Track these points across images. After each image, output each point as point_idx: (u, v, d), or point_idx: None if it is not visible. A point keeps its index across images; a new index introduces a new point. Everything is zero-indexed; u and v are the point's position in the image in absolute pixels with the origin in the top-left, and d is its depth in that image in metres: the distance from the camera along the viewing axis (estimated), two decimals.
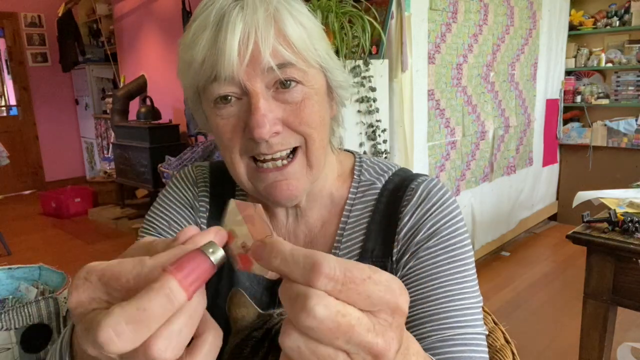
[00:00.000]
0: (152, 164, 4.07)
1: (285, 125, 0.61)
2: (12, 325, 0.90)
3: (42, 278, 1.15)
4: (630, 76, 3.59)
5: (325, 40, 0.65)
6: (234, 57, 0.57)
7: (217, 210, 0.75)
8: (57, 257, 3.74)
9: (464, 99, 2.93)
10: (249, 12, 0.57)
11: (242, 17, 0.57)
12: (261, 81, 0.59)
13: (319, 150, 0.63)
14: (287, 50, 0.58)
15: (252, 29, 0.57)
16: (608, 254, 1.38)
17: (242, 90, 0.60)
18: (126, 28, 5.45)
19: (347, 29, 2.08)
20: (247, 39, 0.57)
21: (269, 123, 0.58)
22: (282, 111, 0.61)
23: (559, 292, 2.86)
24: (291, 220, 0.72)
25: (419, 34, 2.52)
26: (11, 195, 5.98)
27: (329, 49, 0.65)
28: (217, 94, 0.60)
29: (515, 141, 3.47)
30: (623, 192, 1.66)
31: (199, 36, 0.59)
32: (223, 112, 0.62)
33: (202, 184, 0.77)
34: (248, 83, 0.59)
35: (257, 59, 0.57)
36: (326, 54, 0.64)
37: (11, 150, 4.77)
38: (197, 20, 0.60)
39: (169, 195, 0.77)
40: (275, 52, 0.58)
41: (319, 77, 0.64)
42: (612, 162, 3.70)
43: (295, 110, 0.61)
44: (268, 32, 0.57)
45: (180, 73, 0.64)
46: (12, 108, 6.38)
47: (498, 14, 3.09)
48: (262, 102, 0.59)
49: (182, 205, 0.76)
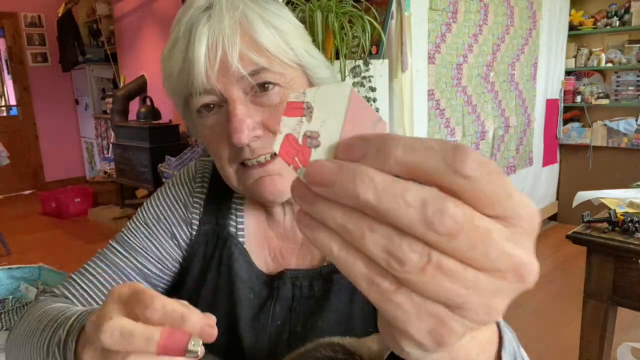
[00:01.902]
0: (152, 164, 4.07)
1: (266, 129, 0.62)
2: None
3: (42, 278, 1.15)
4: (630, 76, 3.59)
5: (305, 39, 0.65)
6: (203, 66, 0.58)
7: (210, 208, 0.75)
8: (57, 257, 3.73)
9: (464, 99, 2.93)
10: (215, 20, 0.59)
11: (208, 26, 0.59)
12: (237, 87, 0.60)
13: None
14: (256, 54, 0.59)
15: (219, 38, 0.58)
16: (608, 254, 1.38)
17: (221, 98, 0.61)
18: (126, 28, 5.45)
19: (347, 29, 2.08)
20: (215, 47, 0.58)
21: (248, 128, 0.59)
22: (261, 114, 0.61)
23: (559, 292, 2.86)
24: (288, 218, 0.73)
25: (419, 34, 2.52)
26: (11, 195, 5.98)
27: (309, 46, 0.66)
28: (198, 104, 0.62)
29: (515, 141, 3.47)
30: (623, 192, 1.66)
31: (173, 48, 0.61)
32: (207, 120, 0.63)
33: (200, 180, 0.77)
34: (224, 90, 0.60)
35: (227, 66, 0.59)
36: (305, 52, 0.64)
37: (11, 150, 4.77)
38: (173, 32, 0.63)
39: (166, 190, 0.78)
40: (244, 58, 0.59)
41: (299, 77, 0.64)
42: (612, 162, 3.70)
43: (274, 112, 0.61)
44: (234, 39, 0.58)
45: (165, 85, 0.66)
46: (12, 108, 6.39)
47: (498, 14, 3.09)
48: (240, 108, 0.60)
49: (175, 202, 0.76)
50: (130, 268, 0.72)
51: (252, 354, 0.67)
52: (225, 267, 0.71)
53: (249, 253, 0.72)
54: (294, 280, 0.69)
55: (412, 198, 0.21)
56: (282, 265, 0.72)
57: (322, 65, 0.67)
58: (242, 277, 0.70)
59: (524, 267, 0.22)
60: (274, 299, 0.68)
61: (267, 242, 0.74)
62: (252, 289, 0.70)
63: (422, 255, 0.22)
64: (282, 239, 0.74)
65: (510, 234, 0.22)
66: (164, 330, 0.38)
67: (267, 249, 0.73)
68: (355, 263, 0.23)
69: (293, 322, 0.67)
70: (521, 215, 0.22)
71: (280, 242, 0.74)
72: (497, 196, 0.22)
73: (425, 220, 0.21)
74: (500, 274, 0.22)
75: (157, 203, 0.76)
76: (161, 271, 0.74)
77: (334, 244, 0.24)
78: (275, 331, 0.67)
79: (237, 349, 0.67)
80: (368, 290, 0.24)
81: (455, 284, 0.22)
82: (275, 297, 0.68)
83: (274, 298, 0.68)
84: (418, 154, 0.22)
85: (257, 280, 0.71)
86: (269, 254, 0.73)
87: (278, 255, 0.73)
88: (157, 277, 0.74)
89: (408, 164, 0.22)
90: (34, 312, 0.64)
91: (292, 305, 0.68)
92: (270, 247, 0.73)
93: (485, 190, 0.22)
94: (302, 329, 0.66)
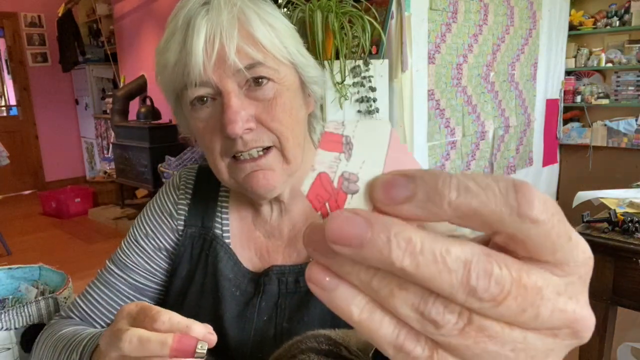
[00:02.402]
0: (152, 164, 4.07)
1: (259, 122, 0.63)
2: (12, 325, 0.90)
3: (42, 278, 1.15)
4: (630, 76, 3.59)
5: (296, 39, 0.67)
6: (201, 58, 0.59)
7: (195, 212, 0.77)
8: (57, 257, 3.73)
9: (464, 99, 2.93)
10: (213, 14, 0.60)
11: (207, 19, 0.60)
12: (232, 80, 0.61)
13: (293, 146, 0.65)
14: (252, 49, 0.60)
15: (218, 30, 0.59)
16: (608, 254, 1.38)
17: (216, 91, 0.62)
18: (126, 28, 5.45)
19: (347, 29, 2.08)
20: (212, 40, 0.60)
21: (242, 120, 0.60)
22: (254, 108, 0.62)
23: None
24: (275, 215, 0.74)
25: (419, 34, 2.52)
26: (11, 195, 5.98)
27: (300, 46, 0.67)
28: (192, 96, 0.63)
29: (515, 141, 3.47)
30: (623, 192, 1.66)
31: (170, 40, 0.63)
32: (200, 113, 0.64)
33: (183, 187, 0.79)
34: (219, 83, 0.61)
35: (224, 58, 0.60)
36: (297, 51, 0.66)
37: (11, 150, 4.77)
38: (169, 26, 0.64)
39: (153, 203, 0.80)
40: (240, 51, 0.60)
41: (291, 74, 0.66)
42: (612, 162, 3.70)
43: (267, 107, 0.63)
44: (232, 32, 0.59)
45: (158, 78, 0.67)
46: (12, 108, 6.38)
47: (498, 14, 3.08)
48: (234, 100, 0.61)
49: (162, 213, 0.78)
50: (126, 286, 0.76)
51: (239, 350, 0.68)
52: (211, 267, 0.73)
53: (235, 252, 0.73)
54: (280, 276, 0.70)
55: (454, 262, 0.18)
56: (268, 263, 0.73)
57: (312, 65, 0.69)
58: (228, 276, 0.71)
59: (579, 323, 0.19)
60: (260, 294, 0.70)
61: (253, 241, 0.75)
62: (237, 286, 0.71)
63: (461, 316, 0.18)
64: (268, 236, 0.75)
65: (564, 286, 0.19)
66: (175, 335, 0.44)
67: (253, 248, 0.75)
68: (382, 326, 0.19)
69: (279, 317, 0.68)
70: (577, 261, 0.20)
71: (266, 240, 0.75)
72: (560, 241, 0.19)
73: (467, 286, 0.18)
74: (553, 332, 0.19)
75: (145, 219, 0.79)
76: (155, 284, 0.77)
77: (355, 305, 0.20)
78: (262, 327, 0.68)
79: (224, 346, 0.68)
80: (396, 358, 0.20)
81: (501, 348, 0.19)
82: (261, 293, 0.70)
83: (260, 294, 0.70)
84: (475, 197, 0.18)
85: (243, 278, 0.72)
86: (255, 253, 0.75)
87: (264, 253, 0.74)
88: (152, 290, 0.77)
89: (463, 210, 0.18)
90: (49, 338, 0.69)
91: (277, 300, 0.69)
92: (256, 246, 0.75)
93: (550, 235, 0.18)
94: (288, 324, 0.67)
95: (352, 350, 0.51)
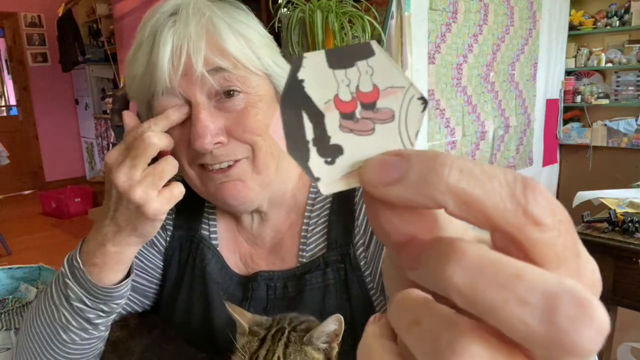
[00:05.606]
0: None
1: (230, 135, 0.61)
2: (12, 325, 0.90)
3: (42, 278, 1.15)
4: (630, 76, 3.59)
5: (272, 49, 0.66)
6: (167, 69, 0.58)
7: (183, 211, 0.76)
8: (57, 257, 3.72)
9: (464, 99, 2.93)
10: (181, 25, 0.59)
11: (173, 31, 0.59)
12: (201, 92, 0.60)
13: (266, 157, 0.64)
14: (221, 59, 0.59)
15: (185, 42, 0.58)
16: (608, 254, 1.38)
17: (185, 102, 0.61)
18: (126, 28, 5.45)
19: (347, 29, 2.08)
20: (179, 52, 0.58)
21: (210, 134, 0.59)
22: (225, 120, 0.61)
23: None
24: (256, 224, 0.73)
25: (419, 34, 2.52)
26: (11, 195, 5.97)
27: (276, 56, 0.66)
28: (161, 107, 0.61)
29: (515, 141, 3.47)
30: (623, 192, 1.66)
31: (138, 51, 0.62)
32: None
33: None
34: (187, 94, 0.60)
35: (191, 70, 0.59)
36: (272, 61, 0.65)
37: (11, 150, 4.77)
38: (137, 36, 0.63)
39: None
40: (208, 62, 0.59)
41: (264, 84, 0.64)
42: (612, 162, 3.70)
43: (237, 118, 0.61)
44: (200, 43, 0.58)
45: (128, 89, 0.67)
46: (12, 108, 6.39)
47: (498, 14, 3.08)
48: (204, 113, 0.59)
49: None
50: None
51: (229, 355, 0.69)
52: (199, 270, 0.73)
53: (222, 255, 0.73)
54: (268, 282, 0.70)
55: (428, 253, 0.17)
56: (252, 269, 0.73)
57: None
58: (216, 279, 0.71)
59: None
60: (248, 300, 0.70)
61: (238, 246, 0.75)
62: (225, 290, 0.71)
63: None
64: (251, 244, 0.75)
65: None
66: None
67: (238, 253, 0.75)
68: None
69: None
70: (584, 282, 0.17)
71: (250, 247, 0.75)
72: (566, 254, 0.17)
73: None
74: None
75: None
76: (150, 282, 0.77)
77: None
78: None
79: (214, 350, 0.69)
80: None
81: None
82: (249, 299, 0.70)
83: (248, 300, 0.70)
84: (480, 185, 0.16)
85: (231, 282, 0.72)
86: (240, 258, 0.75)
87: (248, 259, 0.74)
88: (149, 288, 0.77)
89: (463, 197, 0.16)
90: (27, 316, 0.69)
91: (266, 306, 0.69)
92: (241, 252, 0.75)
93: (555, 244, 0.16)
94: None
95: None
